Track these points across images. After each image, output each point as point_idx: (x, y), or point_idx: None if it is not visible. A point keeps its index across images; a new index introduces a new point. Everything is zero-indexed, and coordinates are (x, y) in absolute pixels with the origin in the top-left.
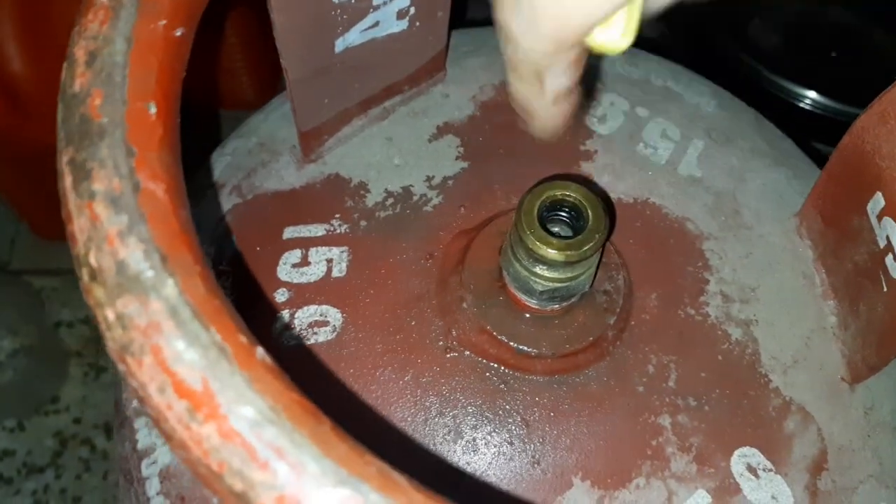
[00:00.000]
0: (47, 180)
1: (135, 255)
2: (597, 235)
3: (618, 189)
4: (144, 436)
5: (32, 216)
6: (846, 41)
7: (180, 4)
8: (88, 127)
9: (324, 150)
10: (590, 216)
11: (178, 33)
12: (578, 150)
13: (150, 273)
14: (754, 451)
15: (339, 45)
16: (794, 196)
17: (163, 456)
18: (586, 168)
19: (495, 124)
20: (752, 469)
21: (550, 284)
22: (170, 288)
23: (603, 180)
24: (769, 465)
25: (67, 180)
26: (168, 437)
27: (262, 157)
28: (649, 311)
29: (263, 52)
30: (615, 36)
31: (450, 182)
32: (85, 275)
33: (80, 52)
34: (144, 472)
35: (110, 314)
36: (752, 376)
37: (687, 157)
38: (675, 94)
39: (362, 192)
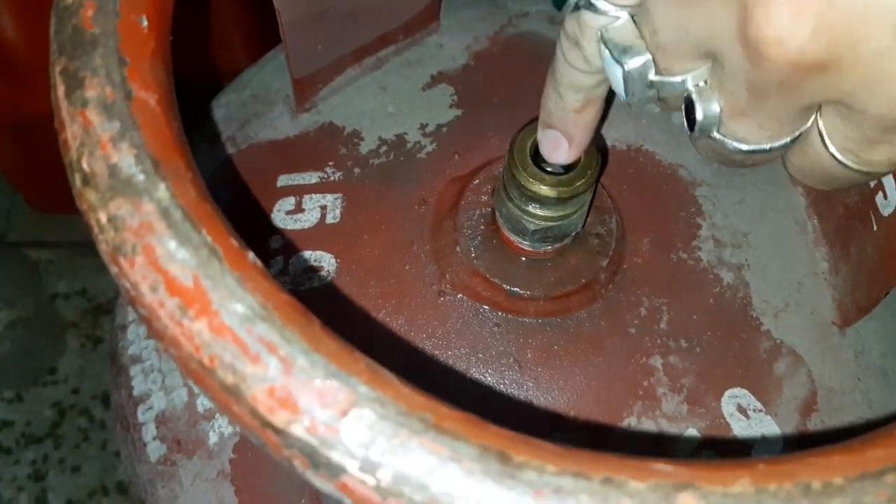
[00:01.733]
0: (43, 152)
1: (127, 160)
2: (588, 172)
3: (611, 136)
4: (140, 382)
5: (28, 188)
6: None
7: None
8: (81, 37)
9: (317, 99)
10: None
11: None
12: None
13: (141, 177)
14: (744, 391)
15: None
16: None
17: (158, 401)
18: None
19: (490, 74)
20: (742, 409)
21: (543, 223)
22: (162, 191)
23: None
24: (759, 405)
25: (60, 89)
26: (160, 335)
27: (255, 108)
28: (642, 254)
29: (258, 21)
30: None
31: (443, 129)
32: (77, 180)
33: None
34: (140, 417)
35: (103, 217)
36: (743, 319)
37: None
38: None
39: (356, 139)
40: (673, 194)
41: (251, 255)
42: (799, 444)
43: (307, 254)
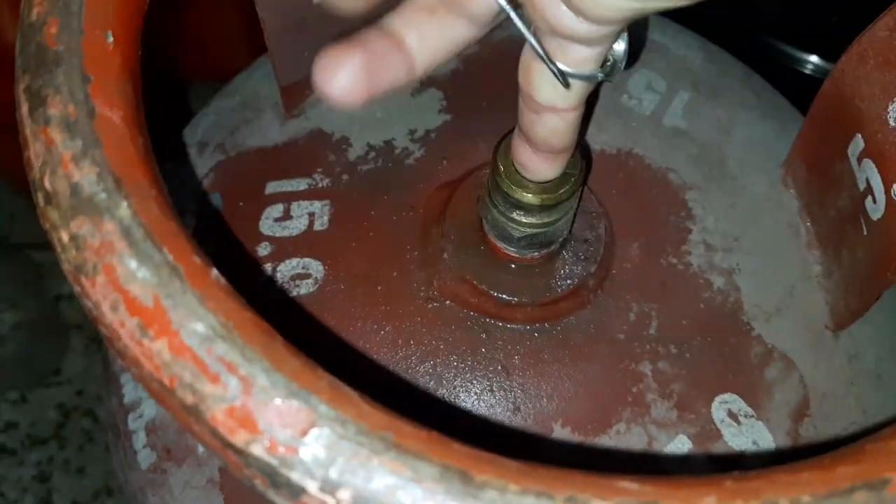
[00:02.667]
0: None
1: (88, 178)
2: (572, 178)
3: (600, 139)
4: (130, 390)
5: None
6: (847, 5)
7: None
8: (44, 55)
9: (306, 105)
10: None
11: None
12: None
13: (103, 195)
14: (735, 397)
15: None
16: (781, 148)
17: (148, 409)
18: None
19: (479, 79)
20: (733, 415)
21: (528, 230)
22: (123, 209)
23: (586, 131)
24: (750, 411)
25: (24, 107)
26: (121, 354)
27: (245, 114)
28: (631, 259)
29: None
30: None
31: (432, 135)
32: (40, 199)
33: None
34: (131, 425)
35: (64, 235)
36: (734, 324)
37: (672, 109)
38: (662, 46)
39: (344, 146)
40: (663, 198)
41: (214, 272)
42: (792, 450)
43: (295, 261)
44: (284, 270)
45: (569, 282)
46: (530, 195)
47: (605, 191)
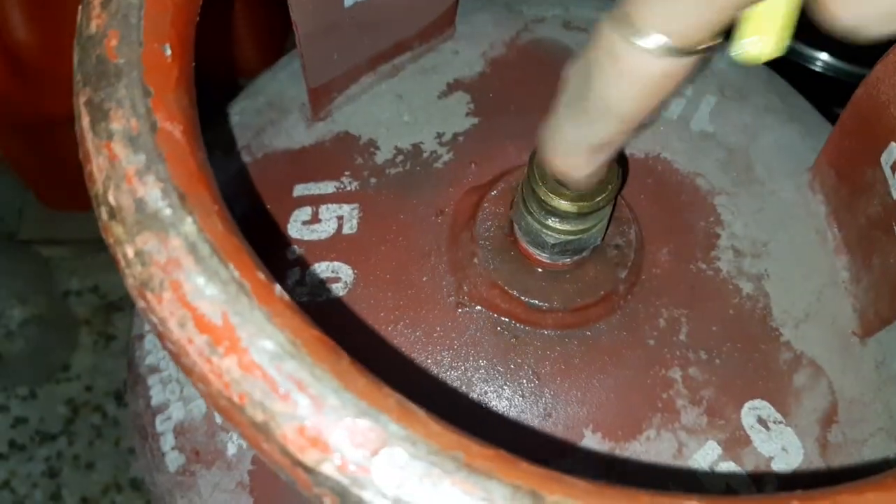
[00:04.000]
0: (54, 150)
1: (153, 193)
2: (609, 187)
3: (630, 144)
4: (158, 392)
5: (40, 186)
6: None
7: None
8: (105, 68)
9: (333, 107)
10: None
11: None
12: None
13: (168, 211)
14: (765, 403)
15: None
16: (807, 152)
17: (176, 411)
18: None
19: (506, 81)
20: (762, 421)
21: (562, 237)
22: (188, 225)
23: None
24: (779, 417)
25: (85, 121)
26: (188, 371)
27: (270, 115)
28: (660, 265)
29: (265, 18)
30: (765, 44)
31: (460, 138)
32: (104, 213)
33: None
34: (159, 427)
35: (129, 251)
36: (763, 330)
37: (699, 113)
38: None
39: (372, 149)
40: (691, 203)
41: (278, 288)
42: (820, 455)
43: (324, 265)
44: (314, 275)
45: (600, 288)
46: (567, 202)
47: (634, 196)
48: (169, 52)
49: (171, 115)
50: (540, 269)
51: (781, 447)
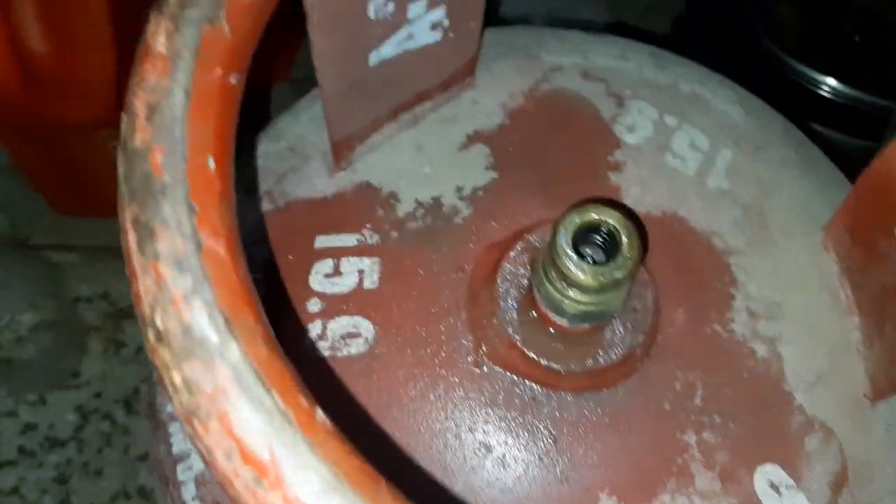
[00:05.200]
0: (66, 157)
1: (199, 319)
2: (630, 262)
3: (646, 202)
4: (179, 441)
5: (51, 192)
6: (869, 26)
7: (235, 51)
8: (151, 184)
9: (354, 157)
10: (624, 241)
11: (234, 81)
12: (607, 160)
13: (215, 337)
14: (777, 467)
15: (374, 58)
16: (822, 208)
17: (198, 462)
18: (615, 179)
19: (525, 134)
20: (774, 486)
21: (582, 307)
22: (234, 351)
23: (631, 193)
24: (791, 482)
25: (131, 239)
26: (234, 500)
27: (292, 161)
28: (676, 326)
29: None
30: None
31: (479, 193)
32: (151, 335)
33: (139, 104)
34: (180, 476)
35: (177, 377)
36: (776, 393)
37: (716, 169)
38: (703, 100)
39: (392, 201)
40: (707, 263)
41: (319, 412)
42: None
43: (345, 319)
44: (335, 328)
45: (617, 351)
46: (588, 277)
47: (651, 255)
48: (213, 164)
49: (216, 231)
50: (558, 332)
51: None
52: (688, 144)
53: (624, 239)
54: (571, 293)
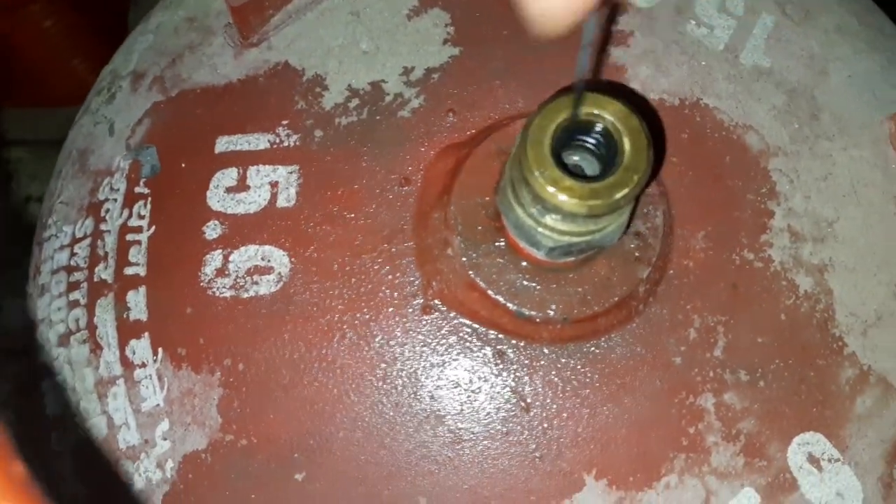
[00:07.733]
0: (12, 46)
1: None
2: (635, 177)
3: (660, 86)
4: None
5: None
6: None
7: None
8: None
9: (268, 29)
10: (626, 147)
11: None
12: (609, 30)
13: None
14: (819, 437)
15: None
16: (890, 92)
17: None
18: (618, 56)
19: None
20: (814, 460)
21: (565, 239)
22: None
23: (640, 74)
24: (836, 454)
25: None
26: None
27: (190, 36)
28: (694, 255)
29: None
30: None
31: (434, 76)
32: None
33: None
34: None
35: None
36: (822, 340)
37: (752, 40)
38: None
39: (318, 88)
40: (739, 168)
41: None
42: (882, 500)
43: (253, 249)
44: (239, 260)
45: (613, 290)
46: (574, 200)
47: (664, 158)
48: None
49: None
50: (533, 265)
51: (836, 492)
52: (716, 7)
53: (626, 142)
54: (549, 220)
